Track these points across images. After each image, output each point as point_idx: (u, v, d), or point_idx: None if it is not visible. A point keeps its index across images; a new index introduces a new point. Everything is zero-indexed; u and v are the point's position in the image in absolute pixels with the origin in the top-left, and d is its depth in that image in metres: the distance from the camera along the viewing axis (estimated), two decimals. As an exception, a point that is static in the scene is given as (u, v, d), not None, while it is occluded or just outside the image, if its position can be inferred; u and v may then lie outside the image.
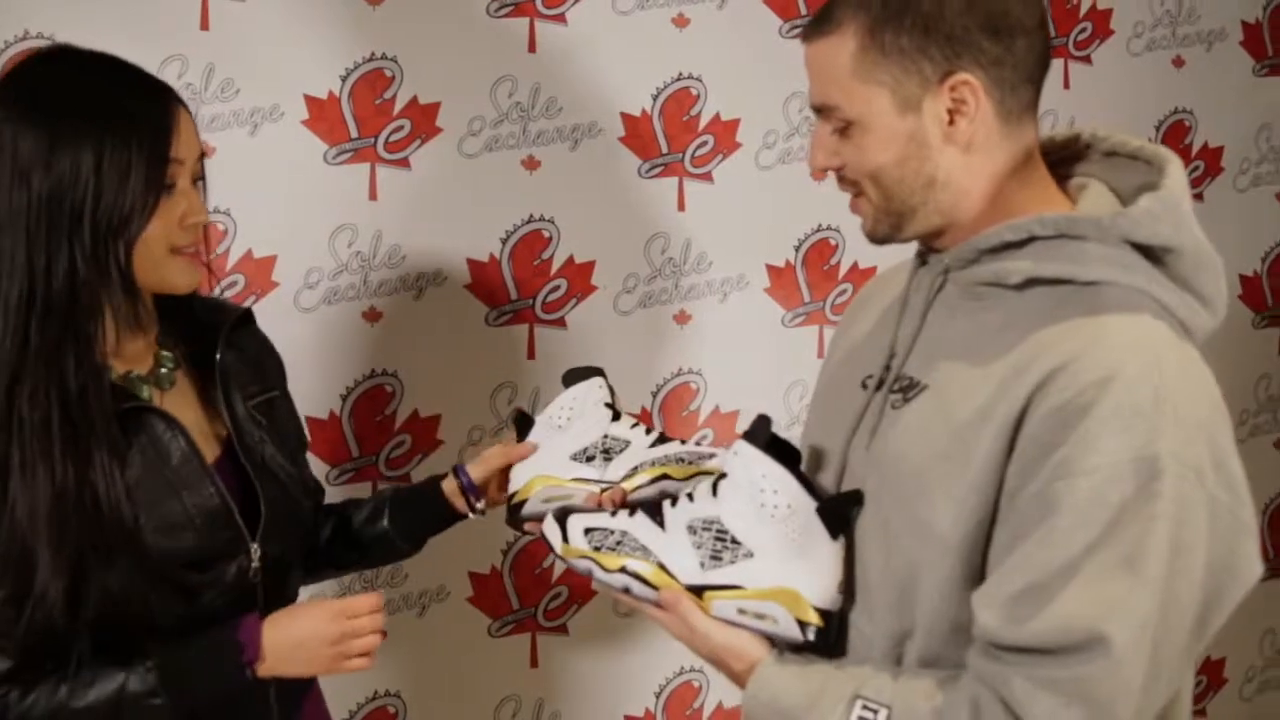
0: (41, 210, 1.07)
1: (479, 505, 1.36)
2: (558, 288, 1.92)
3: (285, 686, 1.21)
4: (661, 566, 1.05)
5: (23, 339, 1.07)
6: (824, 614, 1.01)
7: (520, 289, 1.90)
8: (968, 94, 0.96)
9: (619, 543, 1.07)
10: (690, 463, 1.27)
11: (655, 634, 1.99)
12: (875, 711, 0.94)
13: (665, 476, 1.26)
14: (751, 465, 1.02)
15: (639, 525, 1.07)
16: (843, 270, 2.09)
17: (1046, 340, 0.93)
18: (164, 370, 1.21)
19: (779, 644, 1.04)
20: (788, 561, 1.01)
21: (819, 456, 1.11)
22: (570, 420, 1.32)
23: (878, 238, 1.05)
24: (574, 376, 1.35)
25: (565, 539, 1.10)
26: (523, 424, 1.36)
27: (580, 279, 1.93)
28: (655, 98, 1.95)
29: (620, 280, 1.96)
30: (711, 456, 1.28)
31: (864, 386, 1.08)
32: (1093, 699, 0.86)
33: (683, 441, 1.31)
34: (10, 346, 1.07)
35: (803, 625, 1.01)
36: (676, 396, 2.01)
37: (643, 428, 1.32)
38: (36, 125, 1.07)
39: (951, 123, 0.97)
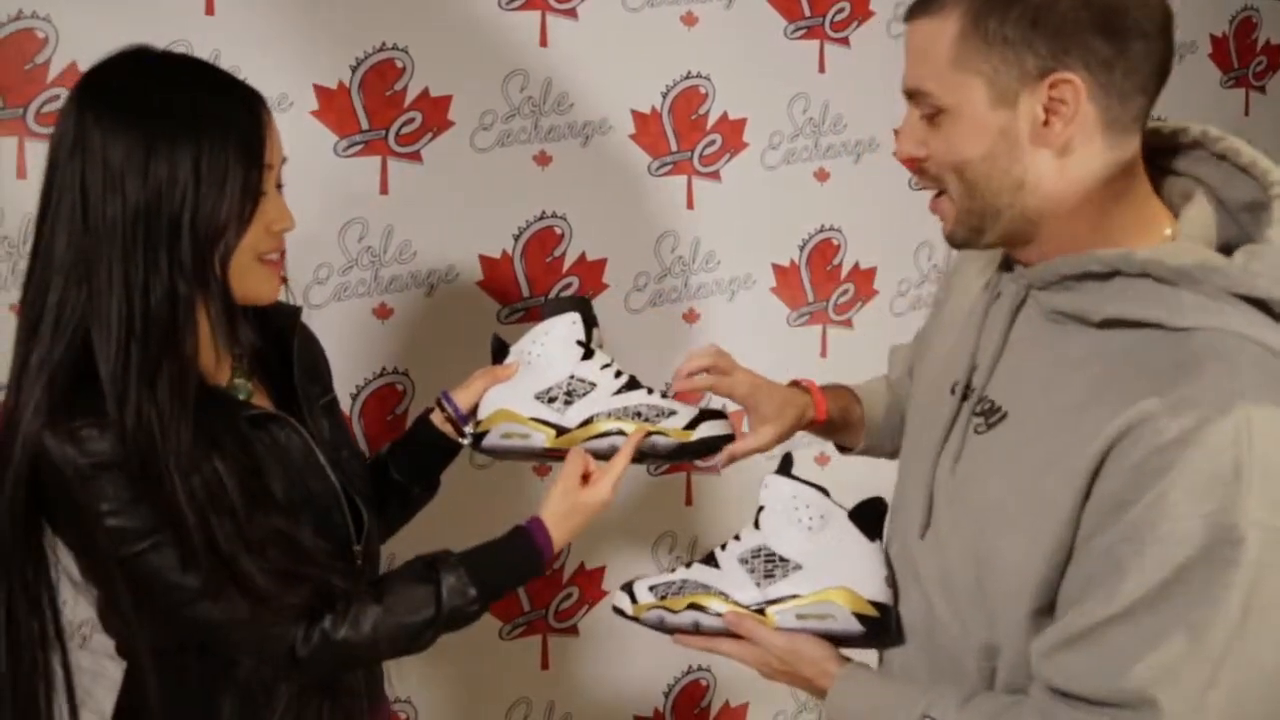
0: (138, 220, 0.98)
1: (468, 429, 1.27)
2: (570, 285, 1.81)
3: (371, 678, 1.21)
4: (723, 595, 1.07)
5: (125, 356, 0.98)
6: (878, 606, 1.03)
7: (533, 286, 1.78)
8: (1068, 94, 0.85)
9: (681, 588, 1.09)
10: (648, 419, 1.19)
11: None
12: None
13: (620, 433, 1.19)
14: (783, 490, 1.07)
15: (696, 571, 1.10)
16: (844, 270, 2.02)
17: (1129, 389, 0.83)
18: (239, 380, 1.13)
19: (841, 643, 1.04)
20: (833, 564, 1.04)
21: (910, 459, 1.06)
22: (539, 356, 1.23)
23: (957, 241, 0.95)
24: (552, 308, 1.25)
25: (635, 600, 1.12)
26: (499, 352, 1.28)
27: (592, 277, 1.82)
28: (665, 95, 1.85)
29: (631, 278, 1.85)
30: (673, 414, 1.20)
31: (952, 392, 1.00)
32: None
33: (650, 390, 1.23)
34: (116, 364, 0.98)
35: (860, 618, 1.03)
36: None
37: (613, 370, 1.24)
38: (129, 131, 0.98)
39: (1046, 123, 0.86)
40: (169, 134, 0.98)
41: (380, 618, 1.06)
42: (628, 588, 1.12)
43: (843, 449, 1.33)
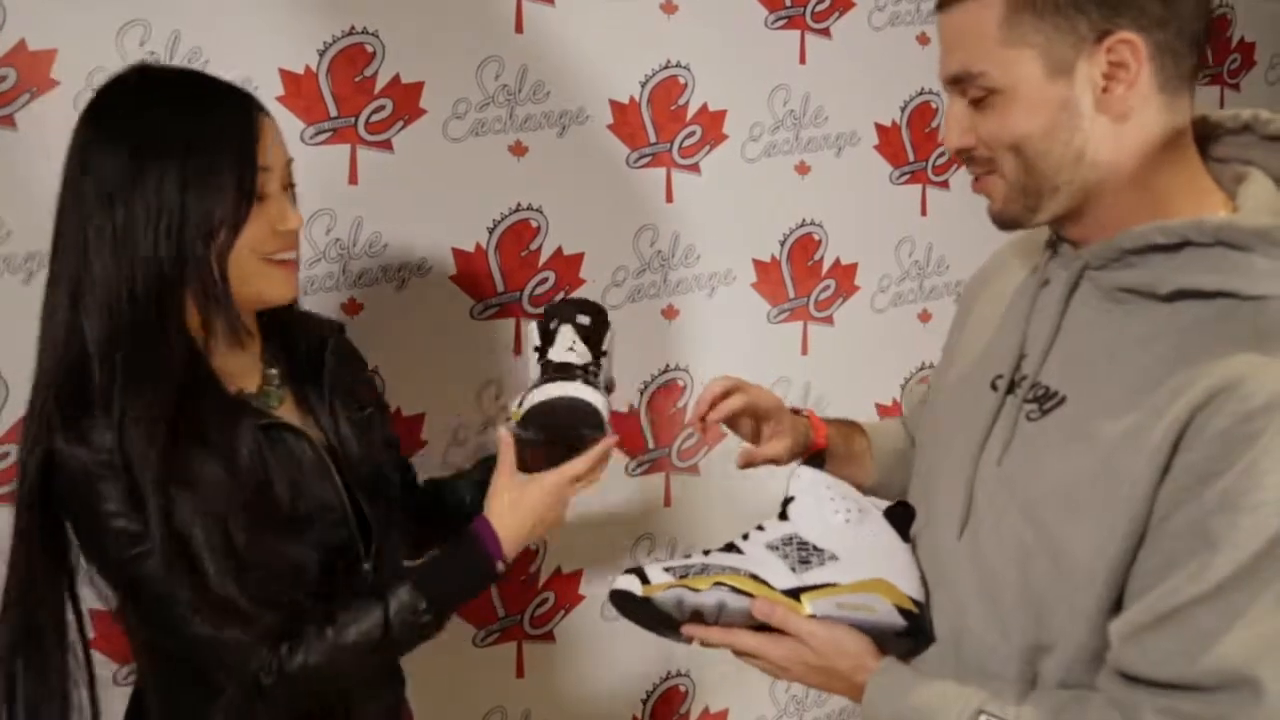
0: (128, 234, 1.00)
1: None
2: (546, 280, 1.74)
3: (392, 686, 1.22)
4: (754, 577, 0.97)
5: (112, 365, 1.00)
6: (916, 603, 0.97)
7: (507, 281, 1.71)
8: (1128, 55, 0.82)
9: (703, 569, 0.99)
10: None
11: (643, 638, 1.82)
12: None
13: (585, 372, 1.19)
14: (817, 481, 1.02)
15: (718, 556, 1.01)
16: (825, 266, 1.96)
17: (1206, 358, 0.80)
18: (272, 388, 1.14)
19: (877, 639, 0.97)
20: (872, 558, 0.98)
21: (941, 459, 0.99)
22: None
23: (1006, 220, 0.90)
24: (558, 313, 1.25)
25: (646, 581, 1.00)
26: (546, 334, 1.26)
27: (569, 271, 1.75)
28: (644, 85, 1.79)
29: (609, 273, 1.79)
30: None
31: (994, 387, 0.94)
32: None
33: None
34: (104, 373, 0.99)
35: (902, 611, 0.96)
36: (665, 394, 1.85)
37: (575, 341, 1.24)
38: (120, 147, 1.01)
39: (1106, 89, 0.83)
40: (157, 146, 1.00)
41: (332, 640, 1.03)
42: (635, 571, 1.01)
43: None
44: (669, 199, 1.82)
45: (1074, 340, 0.90)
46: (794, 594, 0.96)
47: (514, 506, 1.12)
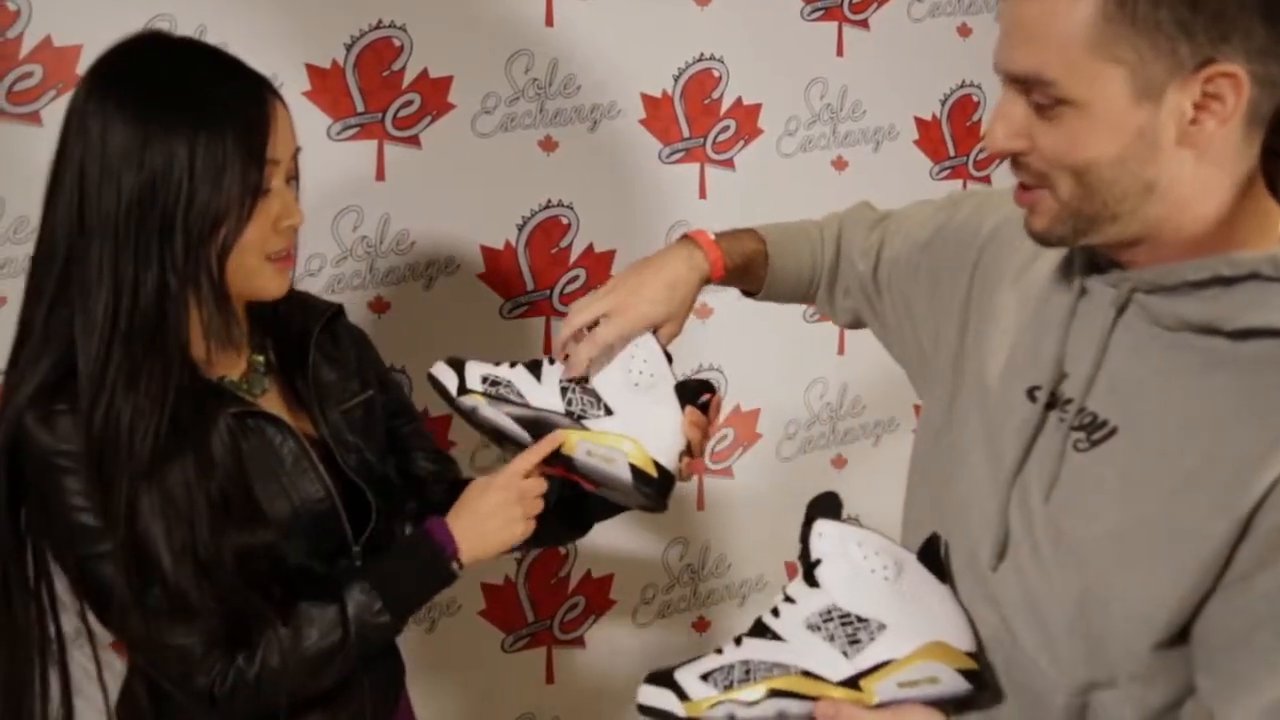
0: (131, 213, 0.94)
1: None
2: (576, 278, 1.71)
3: (378, 686, 1.16)
4: (807, 673, 0.88)
5: (106, 355, 0.95)
6: (973, 656, 0.88)
7: (537, 279, 1.69)
8: (1227, 90, 0.72)
9: (748, 672, 0.89)
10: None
11: (674, 644, 1.80)
12: None
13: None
14: (845, 539, 0.90)
15: (753, 648, 0.90)
16: (863, 263, 1.92)
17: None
18: (256, 376, 1.10)
19: (943, 706, 0.88)
20: (920, 618, 0.88)
21: (971, 466, 0.90)
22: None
23: (1050, 240, 0.82)
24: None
25: (685, 697, 0.89)
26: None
27: (600, 270, 1.72)
28: (676, 78, 1.76)
29: (641, 271, 1.75)
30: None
31: (1031, 398, 0.86)
32: None
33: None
34: (95, 364, 0.95)
35: (964, 673, 0.87)
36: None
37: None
38: (126, 119, 0.94)
39: (1195, 121, 0.74)
40: (166, 123, 0.94)
41: (290, 646, 1.00)
42: (664, 681, 0.90)
43: (747, 293, 1.25)
44: (702, 195, 1.79)
45: (1121, 363, 0.82)
46: (854, 682, 0.88)
47: (468, 505, 1.08)
